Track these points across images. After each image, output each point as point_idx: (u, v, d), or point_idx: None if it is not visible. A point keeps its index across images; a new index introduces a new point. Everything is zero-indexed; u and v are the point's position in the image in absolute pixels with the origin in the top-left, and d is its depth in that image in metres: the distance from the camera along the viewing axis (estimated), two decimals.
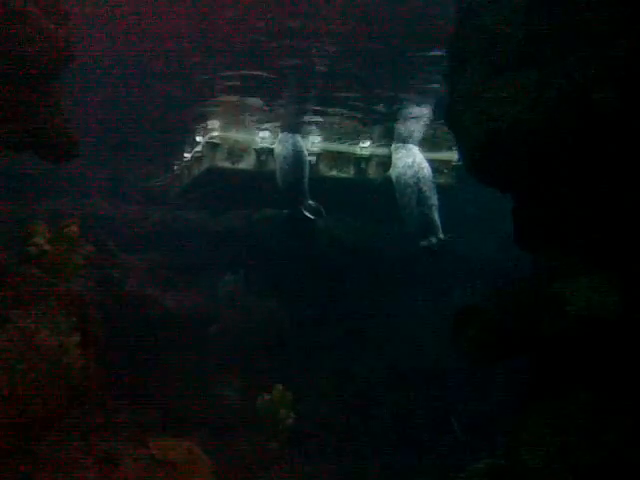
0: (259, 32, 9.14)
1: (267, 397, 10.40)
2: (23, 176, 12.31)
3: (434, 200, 11.61)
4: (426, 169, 11.83)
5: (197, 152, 13.16)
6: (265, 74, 10.52)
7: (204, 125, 12.80)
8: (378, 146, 12.79)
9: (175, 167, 15.02)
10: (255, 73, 10.56)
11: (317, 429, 11.05)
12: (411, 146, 12.31)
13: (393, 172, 12.13)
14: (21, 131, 7.20)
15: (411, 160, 11.92)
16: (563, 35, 6.09)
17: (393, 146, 12.49)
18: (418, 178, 11.67)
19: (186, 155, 14.14)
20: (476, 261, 13.56)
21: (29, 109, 7.13)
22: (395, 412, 11.95)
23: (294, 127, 12.30)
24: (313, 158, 12.48)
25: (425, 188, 11.59)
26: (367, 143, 12.74)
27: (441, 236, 11.34)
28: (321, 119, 12.10)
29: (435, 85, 10.39)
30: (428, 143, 12.64)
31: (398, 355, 12.81)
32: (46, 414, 6.29)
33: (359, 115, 11.86)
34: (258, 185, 12.87)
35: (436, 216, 11.48)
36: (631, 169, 5.95)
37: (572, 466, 5.51)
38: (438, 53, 9.09)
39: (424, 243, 11.47)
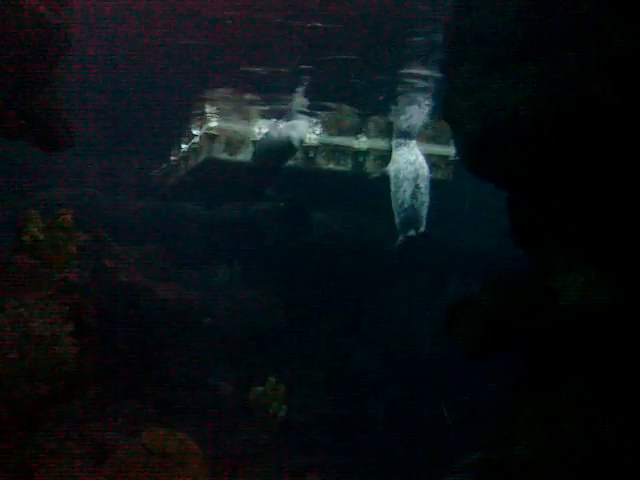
0: (257, 26, 9.11)
1: (260, 389, 10.41)
2: (18, 165, 12.28)
3: (426, 198, 11.79)
4: (425, 169, 12.01)
5: (194, 143, 13.13)
6: (260, 69, 10.53)
7: (202, 116, 12.77)
8: (375, 139, 12.77)
9: (172, 158, 14.98)
10: (251, 69, 10.56)
11: (310, 422, 11.07)
12: (413, 144, 12.35)
13: (392, 166, 12.17)
14: (17, 119, 7.18)
15: (413, 158, 12.08)
16: (562, 28, 6.07)
17: (394, 142, 12.50)
18: (417, 175, 11.86)
19: (183, 146, 14.10)
20: (471, 254, 13.56)
21: (25, 97, 7.09)
22: (389, 405, 11.97)
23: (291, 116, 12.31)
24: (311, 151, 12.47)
25: (422, 185, 11.80)
26: (363, 138, 12.72)
27: (422, 229, 11.55)
28: (320, 112, 12.09)
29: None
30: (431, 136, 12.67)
31: (393, 347, 12.82)
32: (39, 403, 6.27)
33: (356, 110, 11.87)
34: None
35: (424, 213, 11.69)
36: (628, 164, 5.95)
37: (564, 458, 5.53)
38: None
39: (402, 238, 11.69)
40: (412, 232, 11.62)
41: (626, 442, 5.37)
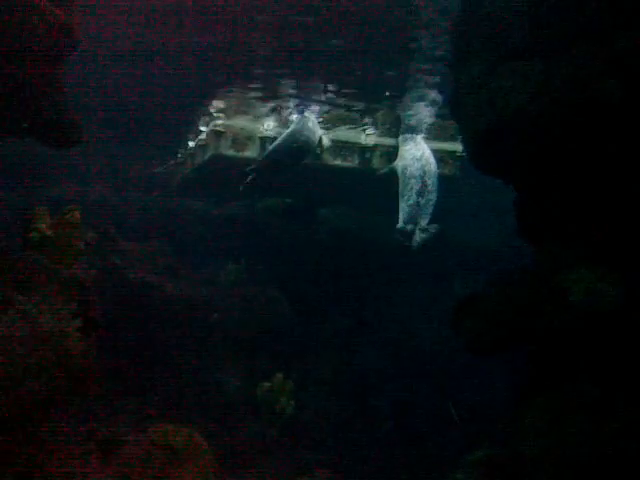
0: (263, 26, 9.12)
1: (267, 385, 10.44)
2: (26, 162, 12.32)
3: (433, 196, 11.65)
4: (432, 165, 11.87)
5: (201, 140, 13.14)
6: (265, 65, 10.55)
7: (208, 113, 12.78)
8: (382, 135, 12.75)
9: (179, 155, 15.00)
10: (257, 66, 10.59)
11: (317, 418, 11.08)
12: (419, 139, 12.29)
13: (399, 163, 12.10)
14: (24, 117, 7.20)
15: (420, 153, 11.95)
16: (568, 26, 6.05)
17: (400, 137, 12.45)
18: (424, 171, 11.72)
19: (190, 143, 14.12)
20: (478, 251, 13.54)
21: (32, 95, 7.12)
22: (395, 402, 11.97)
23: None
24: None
25: (429, 182, 11.65)
26: (371, 131, 12.69)
27: (422, 224, 11.37)
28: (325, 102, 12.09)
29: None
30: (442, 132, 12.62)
31: (399, 345, 12.82)
32: (46, 399, 6.30)
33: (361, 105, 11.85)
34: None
35: (429, 211, 11.54)
36: (634, 162, 5.93)
37: (570, 456, 5.53)
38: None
39: (400, 227, 11.53)
40: (410, 227, 11.45)
41: (632, 441, 5.37)
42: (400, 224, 11.51)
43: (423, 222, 11.44)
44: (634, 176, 5.92)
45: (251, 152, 12.44)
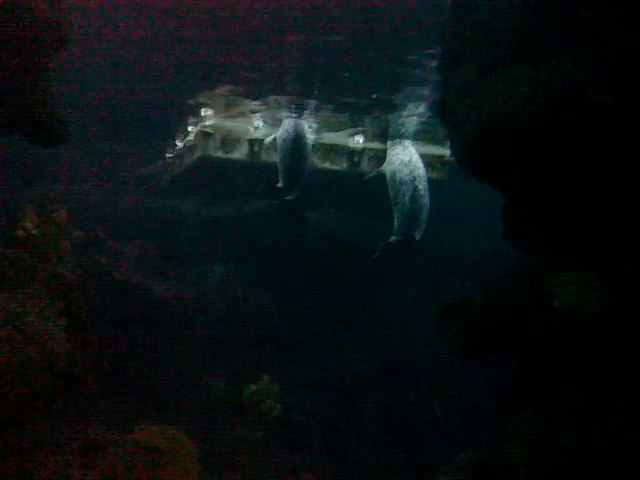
0: (258, 25, 9.09)
1: (253, 387, 10.41)
2: (14, 160, 12.24)
3: (426, 200, 11.63)
4: (421, 169, 11.85)
5: (189, 141, 13.11)
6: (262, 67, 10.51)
7: (197, 113, 12.75)
8: (372, 140, 12.77)
9: (167, 155, 14.96)
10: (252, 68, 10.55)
11: (304, 421, 11.06)
12: (407, 143, 12.29)
13: (388, 168, 12.09)
14: (11, 113, 7.16)
15: (407, 158, 11.92)
16: (559, 33, 6.09)
17: (389, 142, 12.46)
18: (414, 176, 11.68)
19: (178, 144, 14.08)
20: (465, 256, 13.58)
21: (20, 91, 7.08)
22: (382, 405, 11.97)
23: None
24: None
25: (420, 187, 11.62)
26: (360, 139, 12.70)
27: (416, 236, 11.37)
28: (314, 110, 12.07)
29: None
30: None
31: (387, 349, 12.83)
32: (30, 398, 6.25)
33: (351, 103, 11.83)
34: (250, 175, 12.85)
35: (424, 216, 11.51)
36: (622, 168, 5.97)
37: (556, 460, 5.55)
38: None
39: (393, 240, 11.55)
40: (395, 238, 11.46)
41: (618, 446, 5.39)
42: (393, 238, 11.55)
43: (420, 230, 11.44)
44: (625, 181, 5.95)
45: (239, 154, 12.43)
